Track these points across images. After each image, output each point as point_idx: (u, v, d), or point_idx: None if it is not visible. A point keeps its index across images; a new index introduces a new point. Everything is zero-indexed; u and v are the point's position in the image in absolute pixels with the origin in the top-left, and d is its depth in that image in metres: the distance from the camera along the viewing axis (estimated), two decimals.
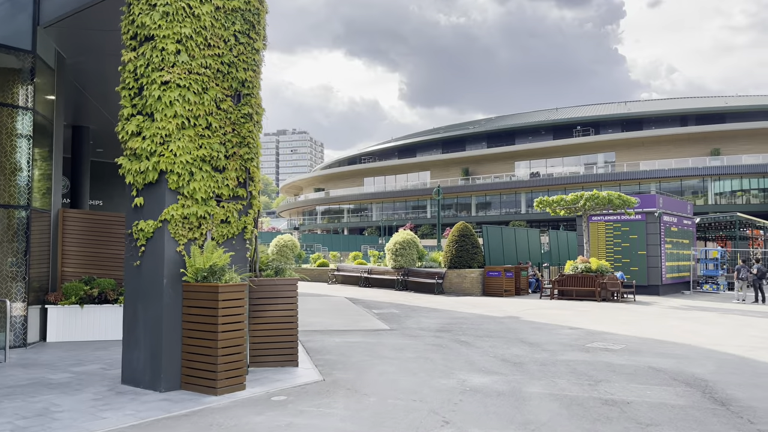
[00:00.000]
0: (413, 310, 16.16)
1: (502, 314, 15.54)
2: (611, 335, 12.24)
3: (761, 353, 10.41)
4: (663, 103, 75.84)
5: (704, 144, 60.37)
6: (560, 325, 13.65)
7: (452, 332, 12.24)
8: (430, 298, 20.24)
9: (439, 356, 9.49)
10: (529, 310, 16.88)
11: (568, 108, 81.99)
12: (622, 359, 9.56)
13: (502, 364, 8.94)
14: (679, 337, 12.19)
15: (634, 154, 63.03)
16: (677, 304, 19.42)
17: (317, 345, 10.32)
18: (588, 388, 7.55)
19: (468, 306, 17.60)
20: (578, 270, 20.66)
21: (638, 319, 15.15)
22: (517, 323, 13.82)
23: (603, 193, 20.26)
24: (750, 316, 16.47)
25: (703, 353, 10.31)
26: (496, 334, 12.05)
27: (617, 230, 24.17)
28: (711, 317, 15.85)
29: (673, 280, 24.33)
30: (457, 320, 14.14)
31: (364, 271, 25.59)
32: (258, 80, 7.82)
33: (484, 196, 72.18)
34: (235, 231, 7.44)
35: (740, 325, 14.30)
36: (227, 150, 7.39)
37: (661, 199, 24.25)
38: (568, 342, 11.28)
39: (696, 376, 8.38)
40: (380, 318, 14.41)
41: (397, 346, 10.40)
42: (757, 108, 64.15)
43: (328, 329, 12.31)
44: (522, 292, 23.30)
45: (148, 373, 6.83)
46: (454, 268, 23.20)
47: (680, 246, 25.43)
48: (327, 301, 18.11)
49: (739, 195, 59.26)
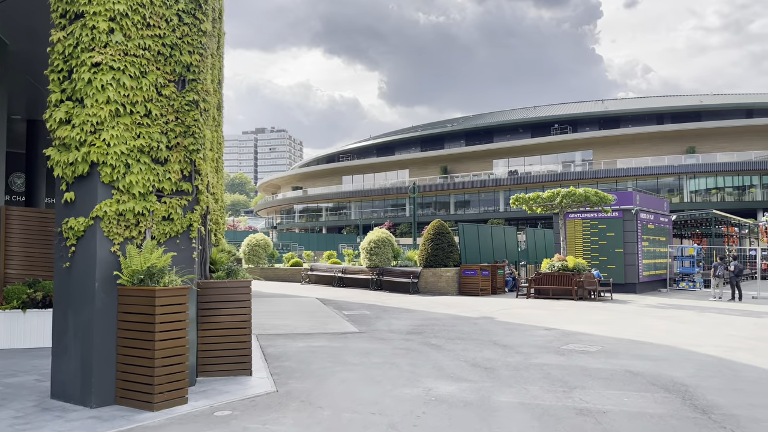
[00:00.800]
0: (385, 311, 15.61)
1: (476, 315, 15.06)
2: (587, 336, 11.82)
3: (740, 354, 10.05)
4: (639, 102, 76.37)
5: (680, 142, 60.82)
6: (535, 325, 13.20)
7: (423, 334, 11.71)
8: (404, 298, 19.71)
9: (407, 361, 8.94)
10: (505, 310, 16.44)
11: (546, 106, 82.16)
12: (599, 362, 9.11)
13: (472, 370, 8.42)
14: (656, 337, 11.82)
15: (611, 152, 63.29)
16: (654, 303, 19.16)
17: (278, 350, 9.71)
18: (562, 395, 7.06)
19: (442, 306, 17.10)
20: (555, 268, 20.29)
21: (615, 318, 14.79)
22: (491, 324, 13.34)
23: (580, 189, 19.92)
24: (727, 314, 16.22)
25: (681, 355, 9.92)
26: (468, 336, 11.55)
27: (594, 228, 23.89)
28: (688, 316, 15.56)
29: (650, 277, 24.14)
30: (429, 321, 13.62)
31: (338, 270, 24.97)
32: (206, 65, 7.17)
33: (462, 194, 71.93)
34: (180, 229, 6.79)
35: (718, 324, 14.00)
36: (170, 140, 6.74)
37: (638, 196, 24.04)
38: (543, 344, 10.82)
39: (675, 381, 7.95)
40: (350, 320, 13.82)
41: (364, 350, 9.83)
42: (732, 106, 64.87)
43: (293, 333, 11.70)
44: (498, 291, 22.89)
45: (79, 387, 6.16)
46: (430, 266, 22.70)
47: (657, 243, 25.26)
48: (296, 303, 17.47)
49: (713, 193, 59.78)
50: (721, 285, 21.20)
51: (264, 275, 27.81)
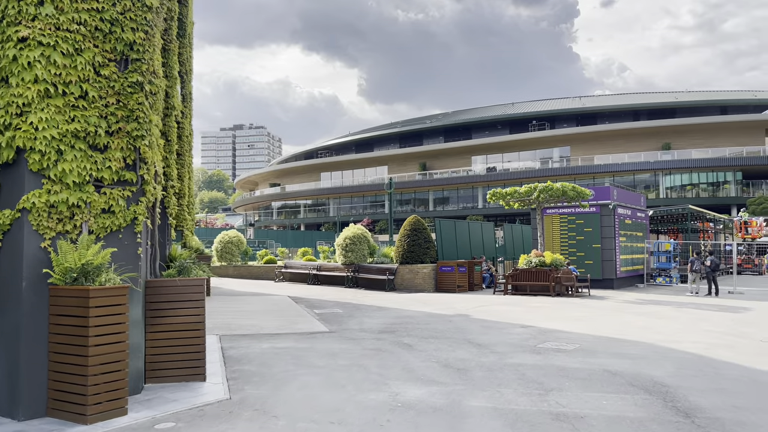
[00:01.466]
0: (358, 309, 15.10)
1: (452, 312, 14.63)
2: (565, 334, 11.45)
3: (720, 351, 9.74)
4: (616, 98, 76.84)
5: (656, 138, 61.26)
6: (512, 323, 12.81)
7: (396, 333, 11.23)
8: (379, 296, 19.22)
9: (375, 363, 8.45)
10: (481, 307, 16.04)
11: (524, 103, 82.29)
12: (576, 362, 8.72)
13: (443, 371, 7.96)
14: (634, 334, 11.49)
15: (588, 149, 63.52)
16: (632, 298, 18.94)
17: (240, 352, 9.14)
18: (537, 398, 6.63)
19: (417, 303, 16.65)
20: (532, 264, 19.98)
21: (593, 315, 14.48)
22: (467, 322, 12.92)
23: (557, 184, 19.62)
24: (704, 309, 16.03)
25: (660, 352, 9.58)
26: (442, 335, 11.10)
27: (572, 223, 23.66)
28: (666, 312, 15.32)
29: (627, 273, 23.99)
30: (403, 320, 13.15)
31: (313, 267, 24.38)
32: (152, 44, 6.57)
33: (441, 190, 71.68)
34: (122, 222, 6.20)
35: (695, 320, 13.76)
36: (110, 125, 6.14)
37: (616, 191, 23.86)
38: (519, 342, 10.41)
39: (655, 380, 7.58)
40: (321, 319, 13.29)
41: (331, 351, 9.31)
42: (706, 103, 65.56)
43: (259, 333, 11.13)
44: (475, 287, 22.53)
45: (5, 398, 5.55)
46: (406, 263, 22.24)
47: (634, 239, 25.13)
48: (267, 301, 16.88)
49: (689, 189, 60.34)
50: (698, 280, 21.10)
51: (237, 273, 27.10)
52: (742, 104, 64.08)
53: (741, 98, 66.46)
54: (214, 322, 12.26)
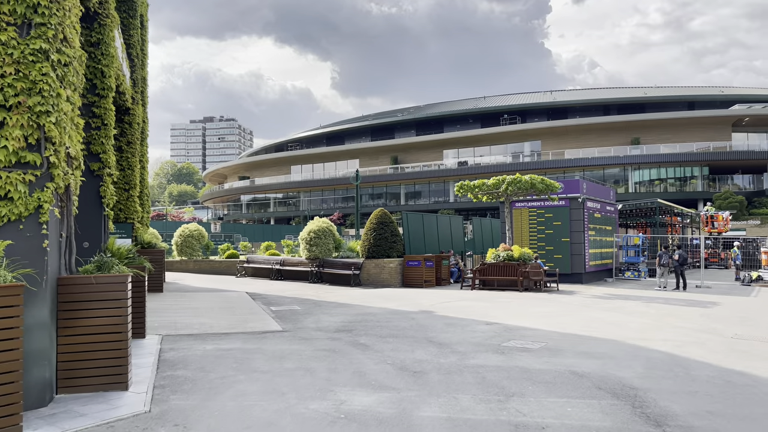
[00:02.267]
0: (318, 306, 14.39)
1: (415, 308, 14.01)
2: (531, 331, 10.93)
3: (691, 349, 9.31)
4: (587, 93, 77.29)
5: (625, 133, 61.67)
6: (476, 320, 12.25)
7: (353, 332, 10.56)
8: (343, 292, 18.53)
9: (325, 366, 7.77)
10: (447, 302, 15.48)
11: (495, 97, 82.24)
12: (541, 362, 8.17)
13: (398, 375, 7.32)
14: (602, 331, 11.03)
15: (559, 143, 63.67)
16: (600, 293, 18.61)
17: (179, 355, 8.36)
18: (496, 406, 6.03)
19: (381, 300, 16.01)
20: (500, 258, 19.51)
21: (560, 310, 14.02)
22: (430, 319, 12.32)
23: (526, 176, 19.15)
24: (673, 304, 15.74)
25: (629, 351, 9.10)
26: (402, 334, 10.47)
27: (541, 217, 23.28)
28: (634, 307, 14.96)
29: (596, 267, 23.73)
30: (363, 317, 12.49)
31: (276, 262, 23.55)
32: (61, 7, 5.74)
33: (413, 184, 71.20)
34: (23, 211, 5.38)
35: (664, 315, 13.40)
36: (6, 98, 5.31)
37: (585, 184, 23.54)
38: (482, 341, 9.84)
39: (624, 383, 7.06)
40: (276, 317, 12.54)
41: (279, 353, 8.59)
42: (675, 99, 66.28)
43: (206, 332, 10.35)
44: (443, 282, 22.00)
45: None
46: (372, 257, 21.59)
47: (603, 233, 24.89)
48: (222, 298, 16.04)
49: (657, 184, 60.97)
50: (666, 274, 20.91)
51: (198, 268, 26.09)
52: (709, 100, 64.96)
53: (708, 94, 67.40)
54: (160, 321, 11.43)
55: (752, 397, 6.58)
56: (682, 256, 20.50)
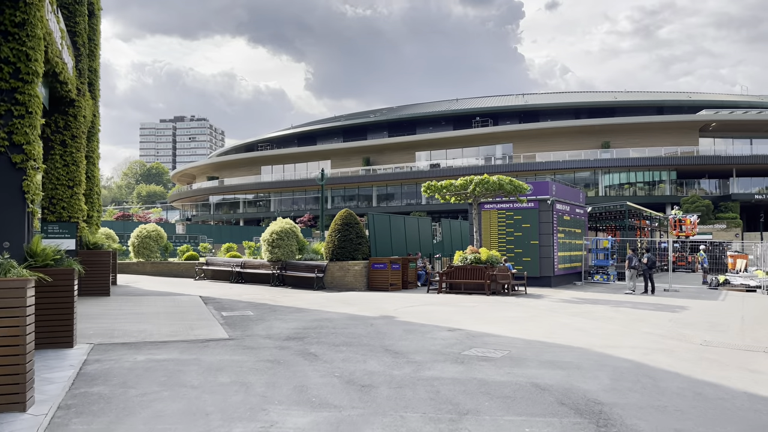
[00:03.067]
0: (274, 311, 13.61)
1: (376, 314, 13.34)
2: (494, 338, 10.35)
3: (659, 358, 8.82)
4: (558, 96, 77.76)
5: (596, 137, 62.06)
6: (439, 325, 11.63)
7: (305, 340, 9.84)
8: (303, 296, 17.77)
9: (264, 380, 7.03)
10: (410, 307, 14.84)
11: (468, 99, 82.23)
12: (502, 373, 7.57)
13: (344, 390, 6.63)
14: (569, 337, 10.51)
15: (531, 146, 63.78)
16: (568, 297, 18.20)
17: (104, 368, 7.53)
18: (447, 427, 5.38)
19: (342, 304, 15.29)
20: (467, 261, 18.97)
21: (526, 315, 13.50)
22: (390, 325, 11.66)
23: (493, 177, 18.65)
24: (641, 309, 15.37)
25: (595, 360, 8.57)
26: (358, 341, 9.78)
27: (510, 219, 22.85)
28: (603, 311, 14.53)
29: (565, 270, 23.40)
30: (319, 323, 11.77)
31: (237, 265, 22.64)
32: None
33: (385, 186, 70.61)
34: None
35: (632, 320, 12.98)
36: None
37: (554, 186, 23.20)
38: (442, 349, 9.21)
39: (589, 397, 6.49)
40: (225, 323, 11.74)
41: (217, 365, 7.83)
42: (644, 103, 67.02)
43: (144, 341, 9.51)
44: (410, 285, 21.38)
45: None
46: (337, 260, 20.86)
47: (572, 235, 24.59)
48: (173, 302, 15.14)
49: (626, 187, 61.44)
50: (635, 277, 20.65)
51: (155, 270, 25.01)
52: (677, 105, 65.83)
53: (676, 99, 68.33)
54: (96, 328, 10.54)
55: (725, 413, 6.06)
56: (651, 260, 20.25)
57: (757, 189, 58.65)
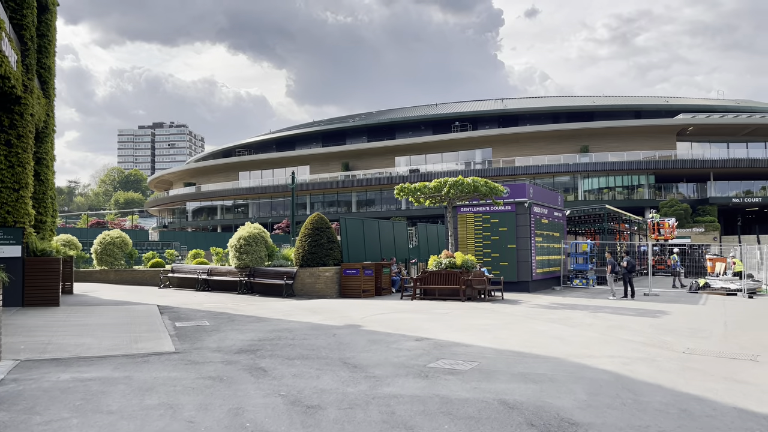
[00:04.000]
0: (232, 321, 12.73)
1: (342, 322, 12.53)
2: (464, 348, 9.61)
3: (640, 368, 8.15)
4: (537, 101, 77.79)
5: (575, 141, 61.99)
6: (406, 335, 10.87)
7: (257, 353, 9.00)
8: (270, 304, 16.90)
9: (197, 402, 6.20)
10: (380, 315, 14.05)
11: (447, 104, 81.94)
12: (468, 389, 6.82)
13: (286, 412, 5.82)
14: (544, 346, 9.81)
15: (510, 150, 63.52)
16: (546, 302, 17.57)
17: (16, 389, 6.63)
18: None
19: (308, 313, 14.45)
20: (442, 266, 18.26)
21: (501, 323, 12.79)
22: (354, 335, 10.86)
23: (468, 179, 17.98)
24: (621, 314, 14.76)
25: (571, 371, 7.87)
26: (316, 354, 8.97)
27: (486, 222, 22.20)
28: (581, 318, 13.89)
29: (543, 275, 22.79)
30: (278, 333, 10.93)
31: (203, 272, 21.66)
32: None
33: (365, 192, 69.80)
34: None
35: (612, 327, 12.34)
36: None
37: (532, 188, 22.61)
38: (406, 361, 8.45)
39: (562, 416, 5.76)
40: (177, 335, 10.85)
41: (150, 384, 6.97)
42: (622, 108, 67.22)
43: (78, 356, 8.60)
44: (384, 292, 20.60)
45: None
46: (307, 266, 20.02)
47: (551, 239, 24.02)
48: (126, 312, 14.17)
49: (605, 192, 61.40)
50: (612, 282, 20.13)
51: (119, 279, 23.91)
52: (655, 109, 66.11)
53: (654, 104, 68.64)
54: (30, 342, 9.59)
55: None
56: (631, 263, 19.73)
57: (734, 192, 58.98)
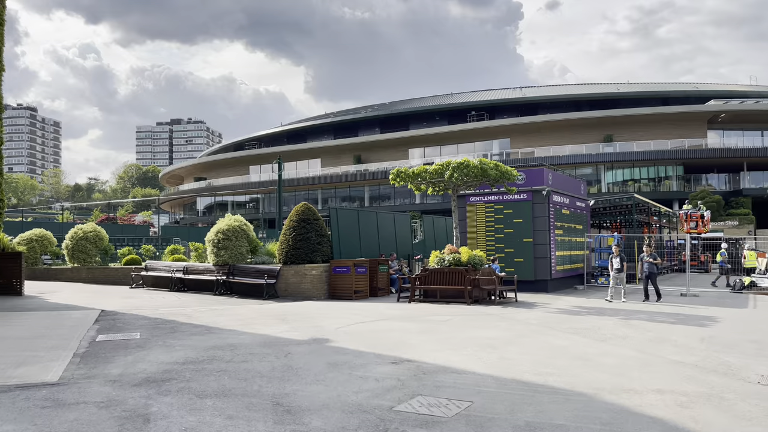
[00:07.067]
0: (173, 333, 10.27)
1: (307, 335, 9.99)
2: (455, 376, 7.02)
3: (705, 413, 5.48)
4: (558, 89, 74.37)
5: (598, 130, 58.63)
6: (382, 354, 8.29)
7: (164, 385, 6.51)
8: (237, 308, 14.44)
9: None
10: (360, 324, 11.49)
11: (463, 93, 78.87)
12: None
13: None
14: (566, 372, 7.18)
15: (529, 140, 60.39)
16: (568, 306, 14.85)
17: None
18: None
19: (272, 320, 11.93)
20: (445, 263, 15.63)
21: (510, 335, 10.14)
22: (312, 355, 8.31)
23: (474, 160, 15.28)
24: (660, 321, 12.01)
25: (606, 421, 5.22)
26: (244, 387, 6.45)
27: (499, 213, 19.49)
28: (611, 327, 11.18)
29: (564, 273, 20.02)
30: (215, 352, 8.43)
31: (179, 270, 19.28)
32: None
33: (378, 185, 67.18)
34: None
35: (652, 341, 9.63)
36: None
37: (551, 174, 19.83)
38: (366, 400, 5.89)
39: None
40: (85, 353, 8.40)
41: None
42: (648, 94, 63.62)
43: None
44: (381, 292, 18.06)
45: None
46: (292, 263, 17.56)
47: (573, 232, 21.21)
48: (51, 321, 11.79)
49: (630, 184, 57.95)
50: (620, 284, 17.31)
51: (91, 277, 21.68)
52: (683, 96, 62.32)
53: (683, 90, 64.89)
54: None
55: None
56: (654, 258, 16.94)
57: None
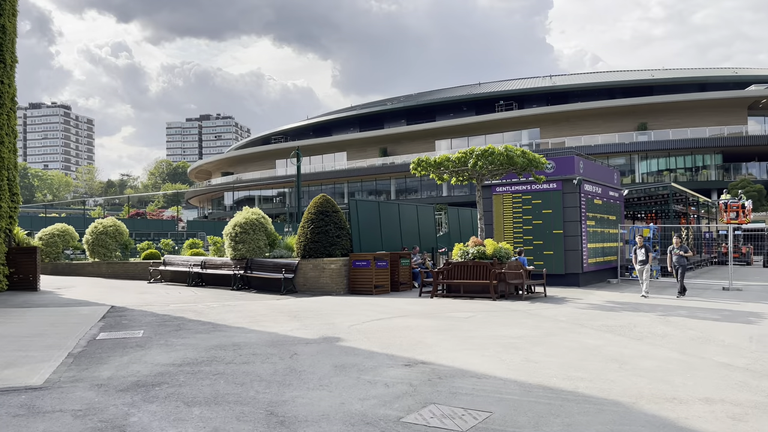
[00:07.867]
0: (178, 331, 9.76)
1: (317, 334, 9.37)
2: (474, 380, 6.31)
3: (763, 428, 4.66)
4: (589, 77, 72.35)
5: (631, 118, 56.77)
6: (395, 355, 7.61)
7: (153, 391, 5.96)
8: (253, 305, 13.93)
9: None
10: (376, 321, 10.83)
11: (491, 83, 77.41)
12: None
13: None
14: (599, 377, 6.40)
15: (559, 130, 58.84)
16: (600, 301, 13.95)
17: None
18: None
19: (284, 317, 11.36)
20: (469, 256, 14.86)
21: (537, 334, 9.36)
22: (321, 355, 7.69)
23: (499, 146, 14.44)
24: (701, 318, 11.06)
25: None
26: (239, 393, 5.85)
27: (527, 203, 18.60)
28: (648, 324, 10.29)
29: (596, 266, 19.04)
30: (217, 352, 7.87)
31: (196, 264, 18.91)
32: None
33: (404, 178, 66.43)
34: None
35: (694, 340, 8.75)
36: None
37: (582, 162, 18.85)
38: (372, 410, 5.23)
39: None
40: (81, 353, 7.94)
41: None
42: (685, 80, 61.36)
43: None
44: (402, 287, 17.37)
45: None
46: (310, 257, 17.00)
47: (606, 223, 20.18)
48: (57, 317, 11.43)
49: (665, 174, 56.03)
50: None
51: (111, 272, 21.50)
52: (722, 81, 59.93)
53: (721, 75, 62.40)
54: None
55: None
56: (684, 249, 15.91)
57: None
